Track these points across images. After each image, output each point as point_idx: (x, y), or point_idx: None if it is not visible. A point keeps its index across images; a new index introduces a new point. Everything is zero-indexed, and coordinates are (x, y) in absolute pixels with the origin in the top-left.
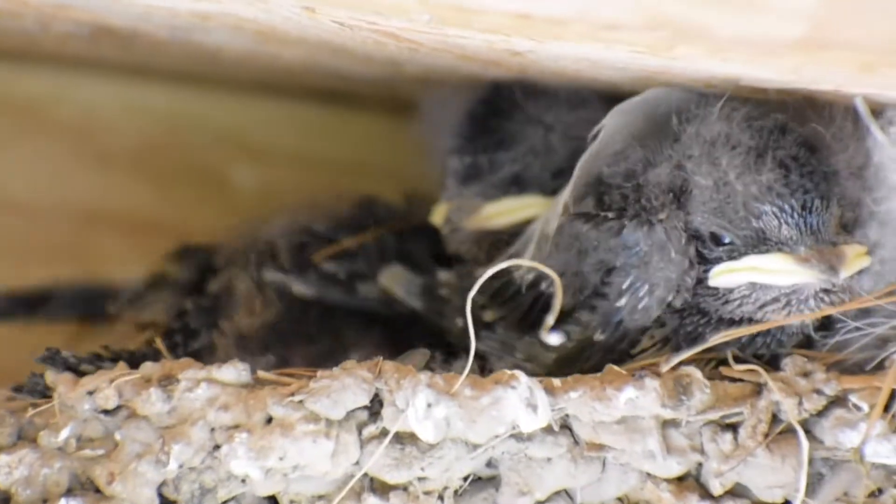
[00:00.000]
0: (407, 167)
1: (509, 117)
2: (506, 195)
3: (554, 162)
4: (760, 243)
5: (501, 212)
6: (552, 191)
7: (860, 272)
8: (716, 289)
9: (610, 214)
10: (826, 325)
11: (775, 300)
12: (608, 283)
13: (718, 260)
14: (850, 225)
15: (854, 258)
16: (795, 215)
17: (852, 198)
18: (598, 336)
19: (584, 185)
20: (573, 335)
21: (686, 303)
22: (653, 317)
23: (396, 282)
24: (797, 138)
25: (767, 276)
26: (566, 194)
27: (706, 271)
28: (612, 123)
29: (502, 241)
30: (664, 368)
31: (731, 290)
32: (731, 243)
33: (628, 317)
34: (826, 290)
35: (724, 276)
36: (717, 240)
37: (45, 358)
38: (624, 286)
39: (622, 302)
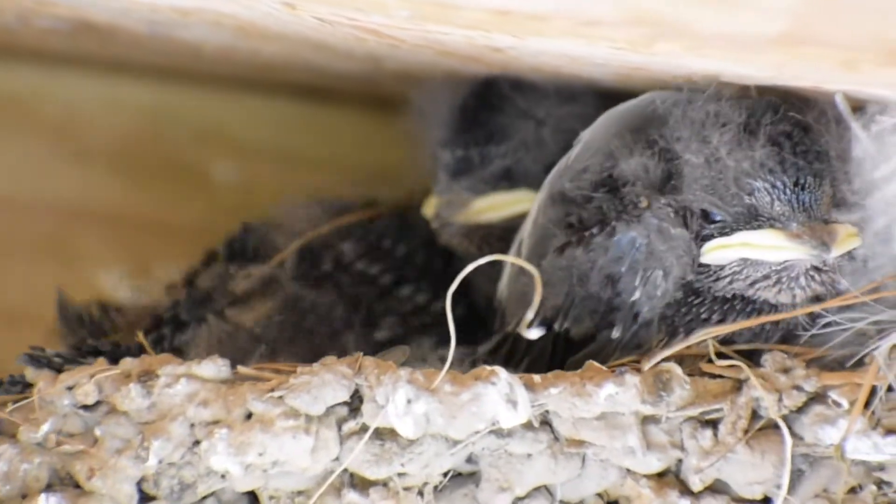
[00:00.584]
0: (388, 163)
1: (500, 111)
2: (496, 190)
3: (545, 156)
4: (752, 219)
5: (492, 206)
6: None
7: (849, 254)
8: (708, 266)
9: (594, 231)
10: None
11: (766, 277)
12: (620, 291)
13: (710, 237)
14: (841, 205)
15: (846, 237)
16: (788, 191)
17: (840, 180)
18: (615, 334)
19: (550, 201)
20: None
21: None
22: (667, 299)
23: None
24: (789, 116)
25: (759, 252)
26: (533, 211)
27: (699, 249)
28: (588, 136)
29: (493, 235)
30: (647, 366)
31: (722, 267)
32: (722, 220)
33: (645, 307)
34: (817, 269)
35: (715, 252)
36: (708, 217)
37: (30, 358)
38: (636, 282)
39: (637, 295)
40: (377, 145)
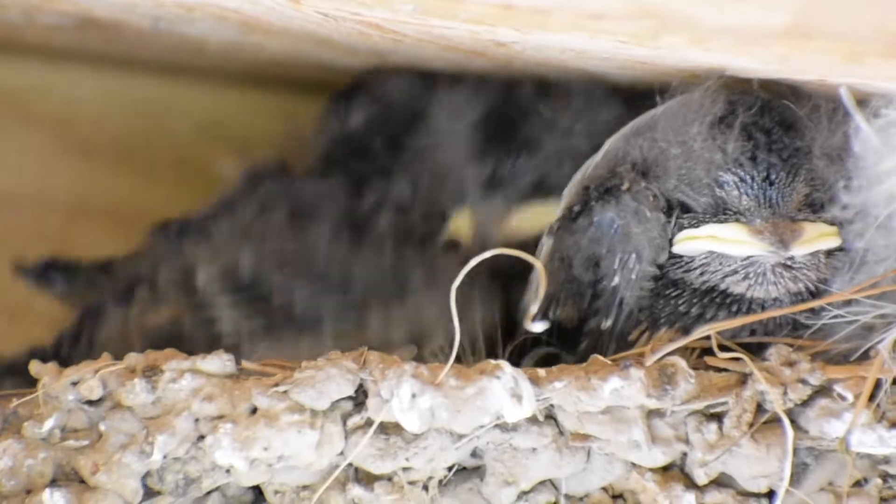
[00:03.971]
0: None
1: (526, 122)
2: (531, 202)
3: (574, 166)
4: (721, 212)
5: (531, 218)
6: None
7: (831, 252)
8: (680, 256)
9: (576, 208)
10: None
11: (734, 272)
12: (601, 274)
13: (684, 227)
14: (819, 205)
15: (815, 236)
16: (755, 186)
17: (825, 178)
18: (606, 324)
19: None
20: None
21: (659, 276)
22: (646, 283)
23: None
24: (771, 112)
25: (724, 246)
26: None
27: (674, 236)
28: (609, 144)
29: (529, 248)
30: (649, 361)
31: (692, 258)
32: (696, 211)
33: (626, 292)
34: (786, 266)
35: (685, 242)
36: (685, 207)
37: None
38: (615, 266)
39: (616, 280)
40: None
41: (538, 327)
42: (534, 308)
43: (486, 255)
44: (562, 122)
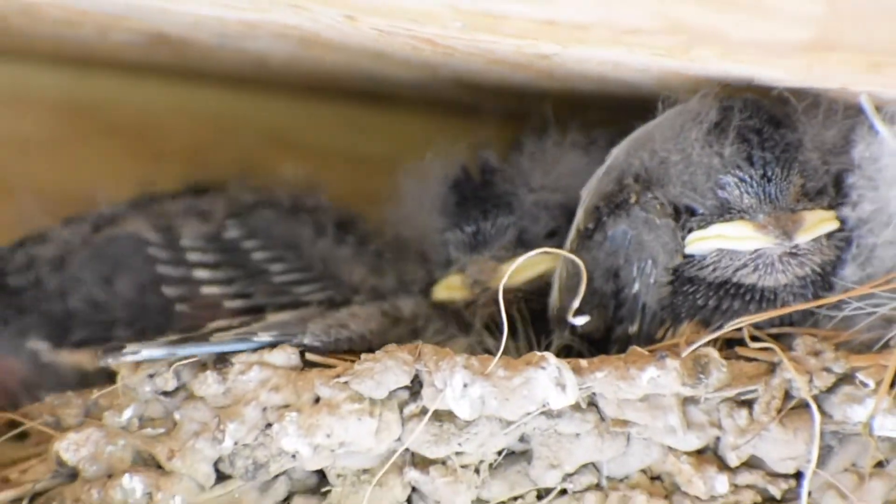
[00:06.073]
0: None
1: (494, 185)
2: (516, 255)
3: (545, 221)
4: (725, 212)
5: (521, 268)
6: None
7: (829, 235)
8: (692, 256)
9: (590, 226)
10: (831, 287)
11: (744, 265)
12: (621, 284)
13: (692, 230)
14: (814, 192)
15: (816, 223)
16: (755, 185)
17: (816, 168)
18: (633, 329)
19: (585, 214)
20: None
21: (675, 275)
22: (664, 286)
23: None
24: (759, 111)
25: (732, 243)
26: (574, 223)
27: (684, 239)
28: (613, 156)
29: (521, 292)
30: (685, 353)
31: (704, 257)
32: (702, 214)
33: (647, 297)
34: (791, 254)
35: (695, 243)
36: (691, 211)
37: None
38: (634, 274)
39: (637, 287)
40: (430, 145)
41: (580, 320)
42: (575, 303)
43: (531, 254)
44: (533, 178)
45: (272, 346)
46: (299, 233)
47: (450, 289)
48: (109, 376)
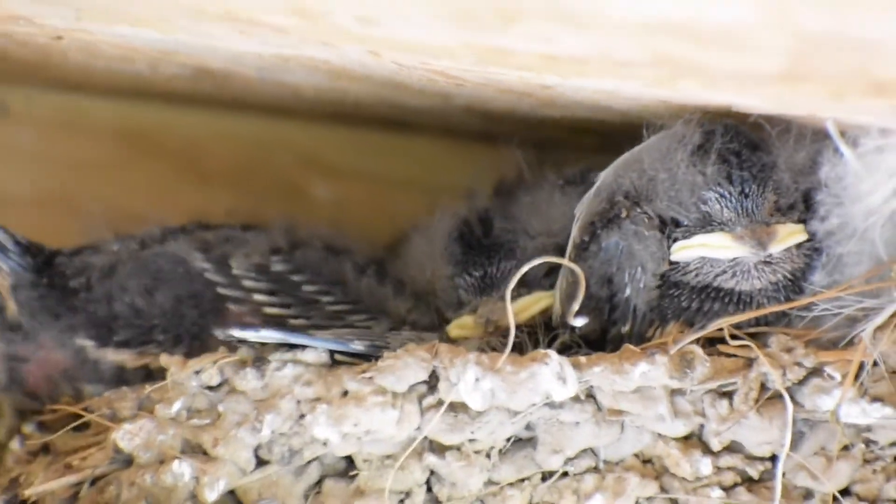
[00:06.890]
0: (456, 183)
1: (495, 234)
2: (520, 296)
3: (544, 264)
4: (707, 224)
5: (523, 307)
6: (548, 287)
7: (799, 246)
8: (677, 263)
9: (585, 238)
10: (801, 291)
11: (724, 272)
12: (615, 289)
13: (678, 239)
14: (786, 207)
15: (787, 235)
16: (734, 200)
17: (788, 186)
18: (625, 329)
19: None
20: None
21: (662, 280)
22: (653, 290)
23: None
24: (737, 136)
25: (713, 251)
26: (571, 237)
27: (670, 248)
28: (601, 178)
29: (524, 326)
30: (672, 350)
31: (687, 264)
32: (686, 225)
33: (638, 300)
34: (766, 262)
35: (680, 252)
36: (676, 223)
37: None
38: (625, 280)
39: (628, 291)
40: (447, 168)
41: (579, 322)
42: (575, 306)
43: (538, 261)
44: (530, 226)
45: (364, 356)
46: (343, 269)
47: (463, 328)
48: (147, 374)
